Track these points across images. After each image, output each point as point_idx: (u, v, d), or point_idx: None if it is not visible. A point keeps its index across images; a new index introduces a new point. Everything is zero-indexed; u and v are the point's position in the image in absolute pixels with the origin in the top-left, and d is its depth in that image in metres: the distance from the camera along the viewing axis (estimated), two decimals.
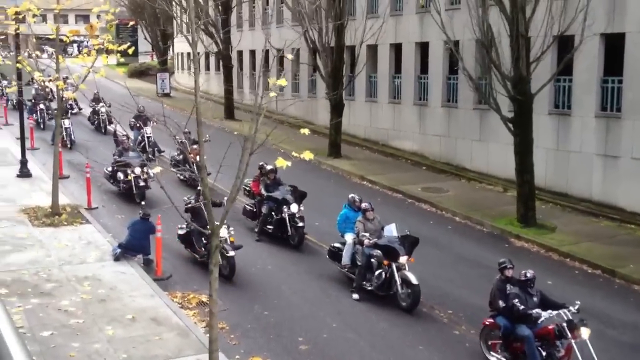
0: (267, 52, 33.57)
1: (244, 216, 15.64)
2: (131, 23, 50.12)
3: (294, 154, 7.46)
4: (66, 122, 22.82)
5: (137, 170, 16.97)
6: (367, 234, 11.66)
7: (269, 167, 14.69)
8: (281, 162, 7.30)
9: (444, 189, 19.92)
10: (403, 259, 11.06)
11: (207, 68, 42.55)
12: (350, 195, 13.25)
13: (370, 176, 21.03)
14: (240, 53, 35.73)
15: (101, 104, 26.64)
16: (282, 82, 7.57)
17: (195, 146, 17.60)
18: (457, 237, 15.95)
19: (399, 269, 11.09)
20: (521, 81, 15.24)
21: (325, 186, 19.91)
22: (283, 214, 14.13)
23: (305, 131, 8.18)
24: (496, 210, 17.86)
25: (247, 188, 15.52)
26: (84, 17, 74.78)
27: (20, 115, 19.74)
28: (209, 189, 8.10)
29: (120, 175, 17.46)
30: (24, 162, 19.31)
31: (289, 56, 19.94)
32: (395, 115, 24.76)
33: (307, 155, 7.29)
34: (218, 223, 7.90)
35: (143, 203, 13.93)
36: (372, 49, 25.31)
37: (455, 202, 18.53)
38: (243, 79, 37.07)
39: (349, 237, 12.19)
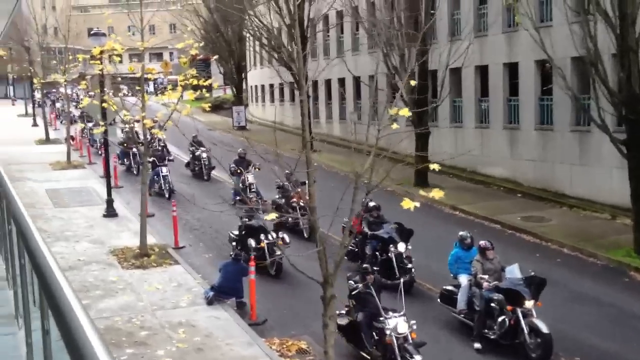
0: (344, 80, 33.13)
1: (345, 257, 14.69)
2: (205, 57, 50.67)
3: (421, 192, 6.61)
4: (164, 170, 21.67)
5: (271, 236, 14.35)
6: (485, 276, 10.60)
7: (372, 203, 13.82)
8: (408, 204, 6.45)
9: (545, 218, 18.58)
10: (529, 304, 9.93)
11: (282, 99, 42.40)
12: (460, 233, 12.24)
13: (462, 205, 19.89)
14: (315, 83, 35.31)
15: (202, 149, 24.51)
16: (405, 112, 6.73)
17: (299, 189, 16.95)
18: (569, 272, 14.62)
19: (525, 315, 9.95)
20: (633, 100, 13.93)
21: (417, 218, 18.81)
22: (389, 254, 13.13)
23: (435, 166, 7.17)
24: (608, 240, 16.42)
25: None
26: (158, 55, 76.77)
27: (105, 153, 19.67)
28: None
29: (252, 242, 14.32)
30: (110, 202, 19.15)
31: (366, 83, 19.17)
32: (484, 140, 23.58)
33: (437, 194, 6.42)
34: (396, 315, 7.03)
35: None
36: (456, 73, 24.30)
37: (560, 232, 17.19)
38: (319, 109, 36.60)
39: (464, 279, 11.17)
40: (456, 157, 18.93)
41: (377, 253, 13.42)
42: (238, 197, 19.42)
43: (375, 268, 13.16)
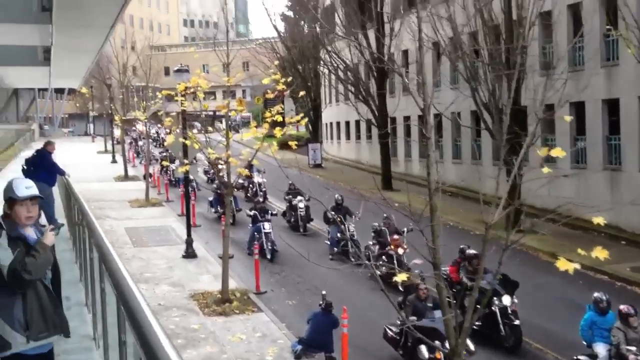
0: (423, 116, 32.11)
1: None
2: (279, 94, 50.75)
3: (580, 251, 5.56)
4: (266, 226, 18.64)
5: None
6: (633, 348, 9.24)
7: (471, 251, 12.69)
8: (564, 264, 5.42)
9: None
10: None
11: (358, 136, 41.69)
12: (595, 295, 10.81)
13: (562, 253, 18.30)
14: (393, 120, 34.42)
15: (299, 198, 22.32)
16: (559, 152, 5.70)
17: (396, 236, 15.89)
18: None
19: None
20: None
21: (510, 266, 17.50)
22: (493, 308, 11.89)
23: (600, 221, 6.08)
24: None
25: (445, 276, 13.31)
26: (224, 94, 77.80)
27: (185, 193, 19.23)
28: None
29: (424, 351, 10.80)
30: (189, 242, 18.61)
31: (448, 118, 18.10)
32: (580, 182, 22.00)
33: (600, 254, 5.35)
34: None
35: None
36: (548, 110, 22.92)
37: None
38: (397, 147, 35.62)
39: (602, 349, 9.82)
40: (562, 205, 17.49)
41: (478, 306, 12.10)
42: (336, 249, 18.31)
43: (476, 323, 11.91)
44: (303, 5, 43.14)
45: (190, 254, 18.47)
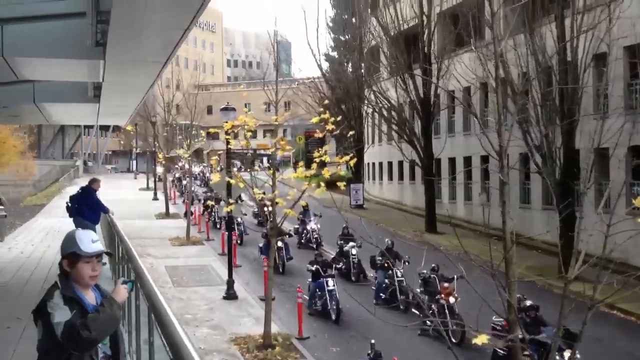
0: (469, 158, 31.51)
1: None
2: (320, 133, 50.71)
3: None
4: (330, 283, 16.76)
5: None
6: None
7: (528, 302, 11.99)
8: None
9: None
10: None
11: (400, 177, 41.18)
12: None
13: (620, 304, 17.41)
14: (438, 161, 33.87)
15: (351, 244, 20.86)
16: None
17: (446, 284, 15.03)
18: None
19: None
20: None
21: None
22: None
23: None
24: None
25: (500, 327, 12.52)
26: (271, 132, 78.42)
27: (228, 233, 18.93)
28: None
29: None
30: (230, 283, 18.21)
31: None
32: (637, 228, 21.02)
33: None
34: None
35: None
36: (601, 153, 22.16)
37: None
38: (442, 188, 34.97)
39: None
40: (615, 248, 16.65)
41: None
42: (382, 295, 17.39)
43: None
44: (349, 46, 43.29)
45: (231, 295, 18.05)
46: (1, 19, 8.98)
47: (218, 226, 29.87)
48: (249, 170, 17.34)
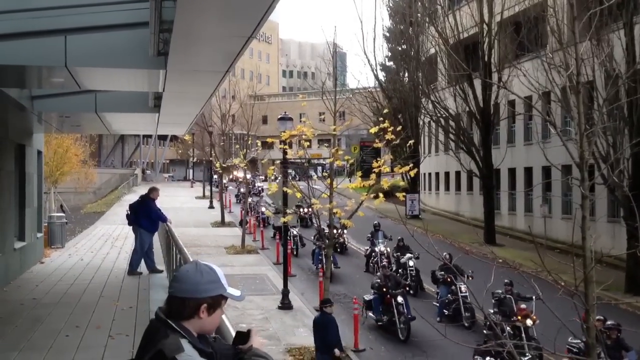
0: (530, 169, 30.73)
1: None
2: (374, 143, 50.49)
3: None
4: (399, 299, 15.69)
5: (400, 299, 13.68)
6: None
7: (609, 322, 11.42)
8: None
9: None
10: None
11: (458, 188, 40.51)
12: None
13: None
14: (497, 172, 33.15)
15: (408, 255, 20.49)
16: None
17: (523, 305, 14.13)
18: None
19: None
20: None
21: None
22: None
23: None
24: None
25: (575, 349, 11.74)
26: (326, 141, 78.53)
27: (284, 242, 18.82)
28: None
29: None
30: (285, 293, 18.10)
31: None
32: None
33: None
34: None
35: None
36: None
37: None
38: (500, 199, 34.20)
39: None
40: None
41: None
42: (445, 311, 16.73)
43: None
44: (406, 55, 42.95)
45: (286, 305, 17.94)
46: (64, 30, 9.08)
47: (274, 234, 29.84)
48: (304, 179, 17.20)
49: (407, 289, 16.40)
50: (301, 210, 23.94)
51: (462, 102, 31.35)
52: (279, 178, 17.05)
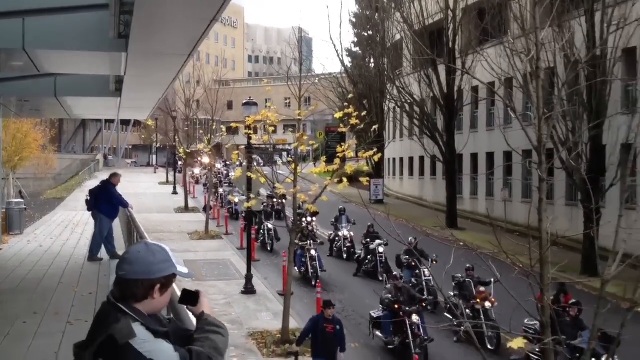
0: (492, 154, 31.14)
1: None
2: (343, 130, 50.55)
3: None
4: (415, 319, 13.27)
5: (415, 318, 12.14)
6: None
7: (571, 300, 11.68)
8: None
9: None
10: None
11: (421, 173, 40.90)
12: None
13: None
14: (460, 157, 33.53)
15: (378, 242, 20.32)
16: None
17: (482, 288, 14.54)
18: None
19: None
20: None
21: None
22: None
23: None
24: None
25: (532, 330, 11.69)
26: (291, 127, 78.35)
27: (248, 228, 18.81)
28: None
29: None
30: (249, 278, 18.10)
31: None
32: None
33: None
34: None
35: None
36: (628, 149, 21.74)
37: None
38: (463, 184, 34.64)
39: None
40: None
41: None
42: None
43: None
44: (372, 41, 43.05)
45: (249, 289, 17.96)
46: (22, 11, 8.88)
47: (230, 215, 29.83)
48: (269, 165, 17.16)
49: (424, 304, 13.86)
50: (274, 200, 23.41)
51: (426, 88, 31.60)
52: (244, 163, 16.96)
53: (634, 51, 21.71)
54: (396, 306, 12.99)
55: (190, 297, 3.12)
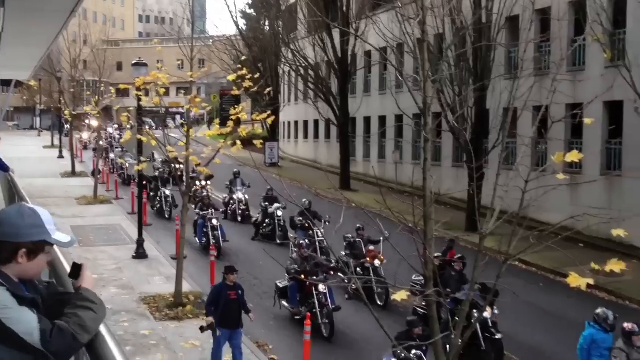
0: (384, 118, 31.82)
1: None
2: (233, 91, 49.98)
3: (594, 265, 5.11)
4: (322, 289, 12.98)
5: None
6: None
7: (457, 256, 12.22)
8: (576, 281, 5.00)
9: (616, 273, 16.78)
10: None
11: (316, 136, 41.25)
12: (599, 310, 9.88)
13: (520, 255, 18.12)
14: (353, 120, 34.05)
15: (276, 205, 20.30)
16: (576, 155, 5.23)
17: (372, 247, 15.05)
18: None
19: None
20: None
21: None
22: (472, 321, 11.24)
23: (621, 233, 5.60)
24: None
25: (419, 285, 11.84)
26: (186, 89, 76.56)
27: (139, 192, 18.37)
28: None
29: None
30: (140, 242, 17.76)
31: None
32: (539, 185, 21.89)
33: (615, 266, 4.94)
34: None
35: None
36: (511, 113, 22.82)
37: (638, 290, 15.49)
38: (356, 147, 35.26)
39: None
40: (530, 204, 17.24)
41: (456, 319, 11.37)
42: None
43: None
44: (267, 3, 42.52)
45: (141, 254, 17.67)
46: None
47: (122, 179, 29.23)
48: (161, 128, 16.71)
49: (332, 272, 13.65)
50: (171, 165, 22.43)
51: (321, 52, 31.71)
52: (135, 126, 16.45)
53: (517, 19, 22.65)
54: (303, 276, 12.60)
55: (76, 271, 3.02)
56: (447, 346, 7.49)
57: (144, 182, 23.28)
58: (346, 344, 12.56)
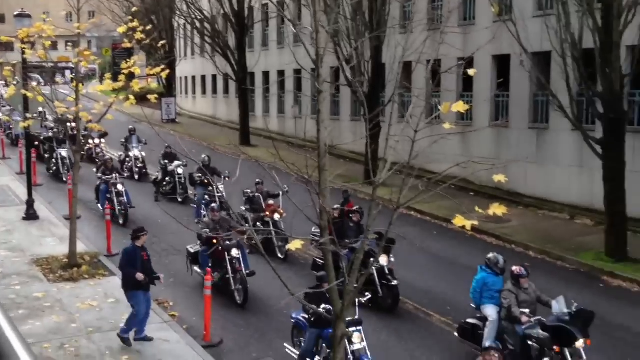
0: (283, 72, 31.67)
1: (314, 271, 12.05)
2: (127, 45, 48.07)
3: (477, 209, 5.40)
4: (235, 254, 12.36)
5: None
6: (526, 310, 9.09)
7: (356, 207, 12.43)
8: (461, 221, 5.27)
9: (503, 218, 17.74)
10: (580, 343, 8.51)
11: (214, 91, 40.55)
12: (490, 255, 10.18)
13: (416, 205, 18.82)
14: (252, 75, 33.68)
15: (176, 163, 19.74)
16: (460, 106, 5.43)
17: (271, 201, 15.07)
18: (540, 277, 13.66)
19: (572, 355, 8.57)
20: (614, 97, 13.19)
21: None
22: (369, 269, 11.51)
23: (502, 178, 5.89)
24: (573, 242, 15.80)
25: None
26: (73, 43, 72.80)
27: (27, 150, 17.54)
28: None
29: None
30: (30, 203, 17.06)
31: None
32: (433, 136, 22.63)
33: (498, 210, 5.23)
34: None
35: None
36: (406, 67, 23.30)
37: (523, 234, 16.50)
38: (255, 102, 35.00)
39: (492, 311, 9.54)
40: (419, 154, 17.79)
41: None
42: (203, 213, 16.32)
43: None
44: None
45: (31, 215, 17.01)
46: None
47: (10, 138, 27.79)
48: (50, 84, 15.86)
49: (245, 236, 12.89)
50: (67, 125, 21.08)
51: (217, 4, 30.92)
52: (19, 82, 15.57)
53: None
54: (214, 241, 12.07)
55: None
56: None
57: (36, 143, 22.22)
58: (258, 309, 12.44)
